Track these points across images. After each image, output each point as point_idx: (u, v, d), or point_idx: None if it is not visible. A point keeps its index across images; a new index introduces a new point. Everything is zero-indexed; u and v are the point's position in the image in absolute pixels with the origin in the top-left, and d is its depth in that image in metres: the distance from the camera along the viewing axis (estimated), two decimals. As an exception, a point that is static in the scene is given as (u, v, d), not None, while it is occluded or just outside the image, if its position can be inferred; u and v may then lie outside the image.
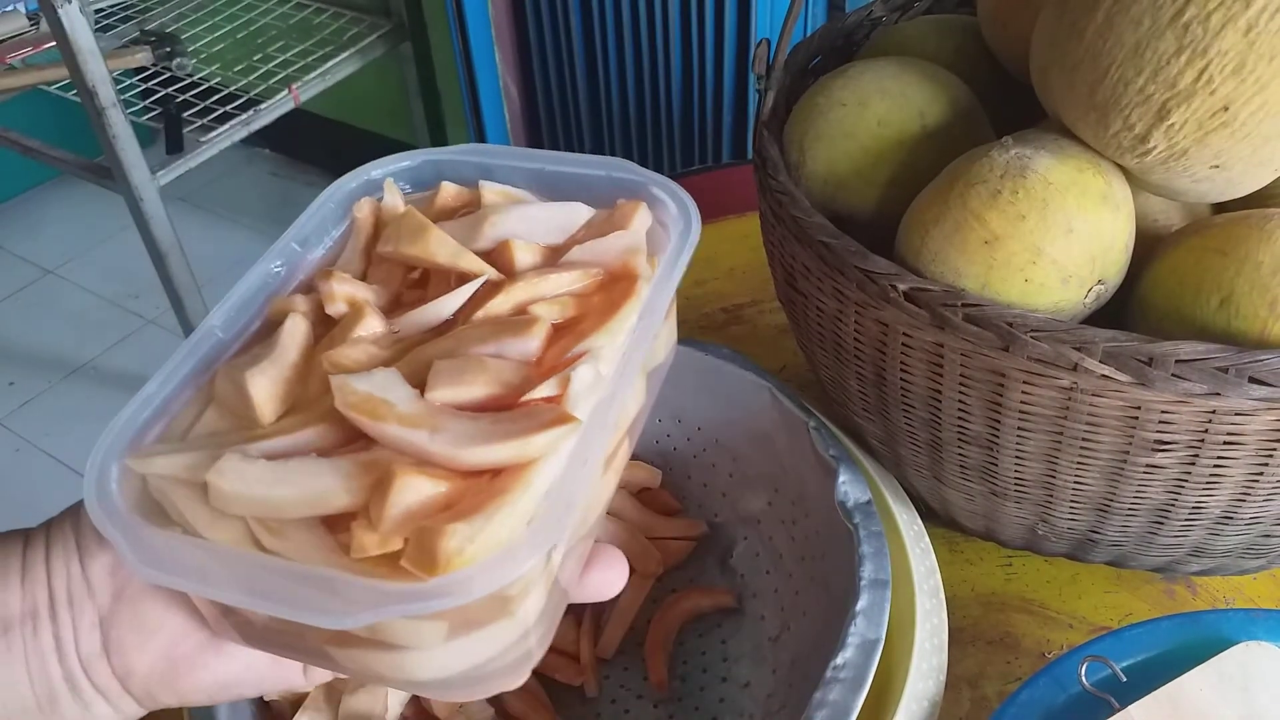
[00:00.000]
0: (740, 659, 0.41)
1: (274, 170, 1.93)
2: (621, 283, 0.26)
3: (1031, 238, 0.33)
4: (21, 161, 1.42)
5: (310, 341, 0.26)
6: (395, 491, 0.21)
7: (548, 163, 0.29)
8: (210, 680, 0.24)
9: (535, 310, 0.25)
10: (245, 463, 0.22)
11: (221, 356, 0.26)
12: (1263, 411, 0.31)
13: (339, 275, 0.26)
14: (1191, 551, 0.39)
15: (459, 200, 0.29)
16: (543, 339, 0.24)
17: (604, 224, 0.28)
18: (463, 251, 0.26)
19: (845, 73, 0.42)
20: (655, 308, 0.26)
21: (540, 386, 0.23)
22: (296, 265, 0.28)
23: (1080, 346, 0.31)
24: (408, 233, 0.27)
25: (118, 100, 1.15)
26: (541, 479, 0.21)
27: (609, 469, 0.26)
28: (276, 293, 0.28)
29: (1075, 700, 0.34)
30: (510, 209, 0.28)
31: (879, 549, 0.35)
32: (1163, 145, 0.33)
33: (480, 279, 0.26)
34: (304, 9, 1.56)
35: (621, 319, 0.25)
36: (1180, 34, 0.31)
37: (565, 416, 0.22)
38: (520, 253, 0.27)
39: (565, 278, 0.26)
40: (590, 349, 0.24)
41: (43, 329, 1.62)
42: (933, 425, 0.38)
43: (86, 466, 0.23)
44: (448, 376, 0.23)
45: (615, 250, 0.26)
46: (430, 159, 0.31)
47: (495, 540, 0.20)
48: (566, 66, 1.33)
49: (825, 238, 0.36)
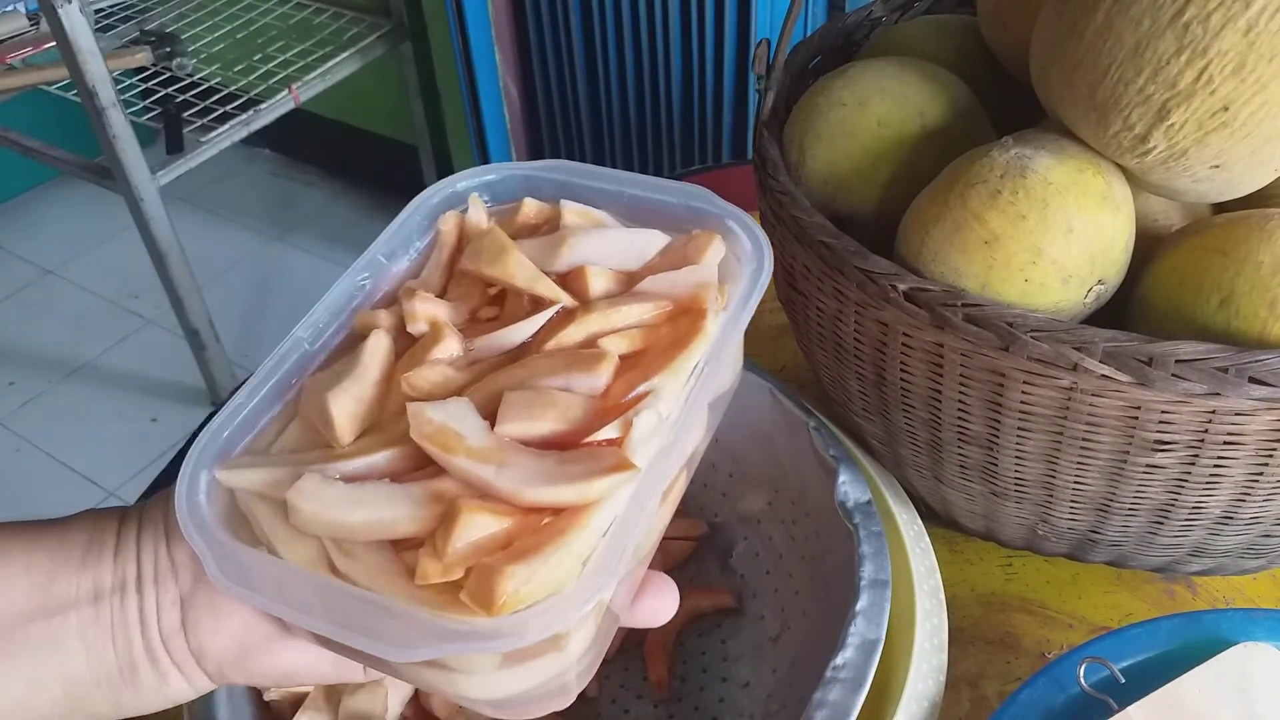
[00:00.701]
0: (740, 659, 0.41)
1: (274, 170, 1.93)
2: (690, 316, 0.27)
3: (1031, 238, 0.33)
4: (21, 161, 1.42)
5: (391, 358, 0.27)
6: (460, 527, 0.22)
7: (628, 185, 0.30)
8: (276, 667, 0.25)
9: (605, 343, 0.26)
10: (324, 484, 0.23)
11: (308, 367, 0.27)
12: (1262, 411, 0.31)
13: (421, 294, 0.27)
14: (1191, 551, 0.39)
15: (540, 217, 0.30)
16: (610, 374, 0.25)
17: (678, 253, 0.29)
18: (540, 277, 0.27)
19: (845, 73, 0.42)
20: (723, 348, 0.26)
21: (604, 429, 0.24)
22: (382, 277, 0.30)
23: (1080, 346, 0.31)
24: (489, 252, 0.28)
25: (118, 100, 1.15)
26: (598, 522, 0.22)
27: (665, 500, 0.27)
28: (362, 305, 0.29)
29: (1075, 701, 0.33)
30: (588, 233, 0.29)
31: (879, 549, 0.35)
32: (1163, 145, 0.33)
33: (555, 308, 0.27)
34: (304, 9, 1.56)
35: (687, 357, 0.26)
36: (1180, 34, 0.31)
37: (625, 463, 0.23)
38: (595, 280, 0.27)
39: (636, 310, 0.27)
40: (654, 388, 0.25)
41: (43, 329, 1.62)
42: (933, 425, 0.38)
43: (179, 474, 0.24)
44: (518, 410, 0.24)
45: (687, 284, 0.27)
46: (515, 173, 0.31)
47: (551, 581, 0.21)
48: (566, 66, 1.33)
49: (825, 238, 0.36)
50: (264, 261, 1.73)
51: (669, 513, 0.28)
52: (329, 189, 1.87)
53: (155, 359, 1.55)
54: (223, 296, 1.62)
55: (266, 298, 1.66)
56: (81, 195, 1.83)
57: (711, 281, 0.27)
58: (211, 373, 1.40)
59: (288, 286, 1.68)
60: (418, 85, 1.58)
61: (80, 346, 1.58)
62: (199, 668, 0.25)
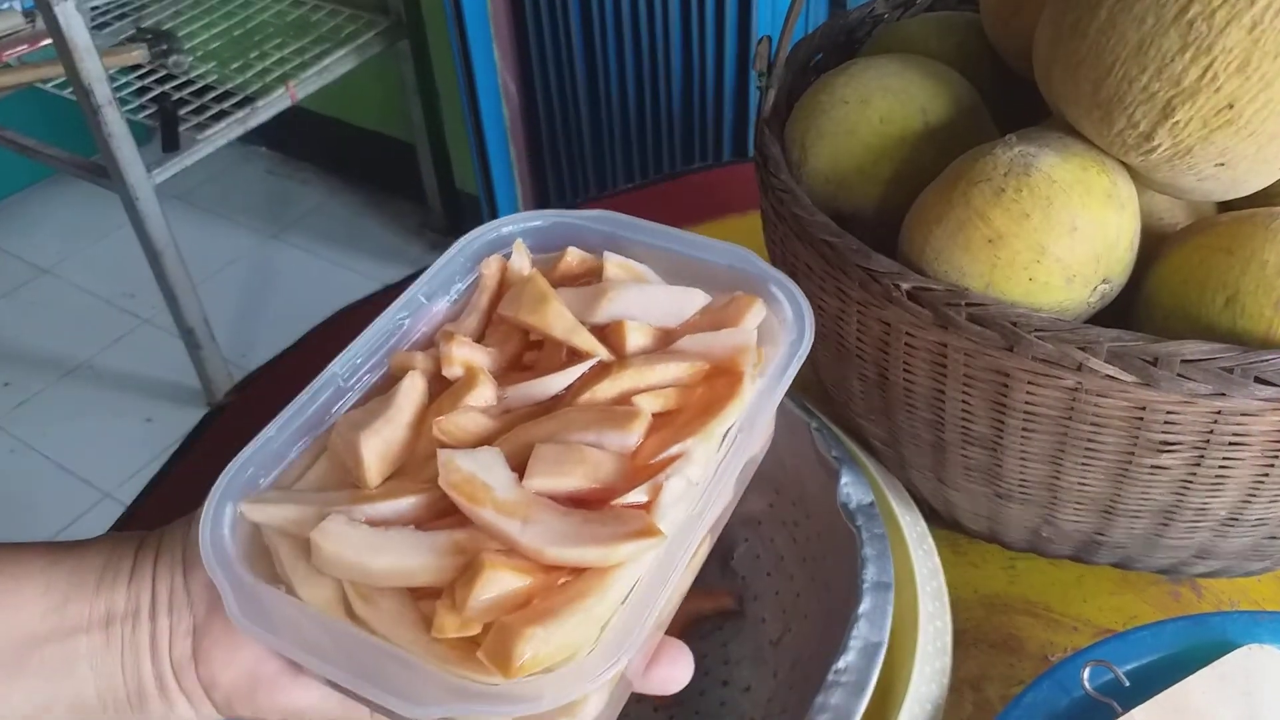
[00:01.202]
0: (741, 662, 0.41)
1: (270, 168, 1.93)
2: (726, 378, 0.26)
3: (1035, 236, 0.33)
4: (17, 160, 1.42)
5: (425, 401, 0.27)
6: (480, 584, 0.22)
7: (673, 243, 0.30)
8: (285, 703, 0.25)
9: (639, 400, 0.26)
10: (348, 527, 0.23)
11: (340, 403, 0.28)
12: (1268, 412, 0.31)
13: (459, 339, 0.27)
14: (1197, 553, 0.38)
15: (583, 267, 0.30)
16: (642, 433, 0.25)
17: (718, 314, 0.29)
18: (578, 329, 0.27)
19: (847, 70, 0.41)
20: (757, 415, 0.26)
21: (632, 492, 0.24)
22: (421, 317, 0.30)
23: (1085, 346, 0.31)
24: (529, 300, 0.28)
25: (113, 98, 1.14)
26: (620, 587, 0.22)
27: (688, 568, 0.27)
28: (399, 344, 0.29)
29: (1079, 704, 0.33)
30: (629, 288, 0.29)
31: (881, 551, 0.35)
32: (1167, 143, 0.33)
33: (591, 361, 0.27)
34: (301, 6, 1.56)
35: (721, 421, 0.25)
36: (1184, 31, 0.31)
37: (651, 529, 0.23)
38: (632, 335, 0.28)
39: (671, 369, 0.27)
40: (686, 450, 0.25)
41: (38, 328, 1.62)
42: (936, 426, 0.37)
43: (204, 504, 0.24)
44: (547, 465, 0.24)
45: (724, 346, 0.27)
46: (561, 221, 0.31)
47: (569, 644, 0.22)
48: (565, 62, 1.33)
49: (827, 236, 0.36)
50: (260, 260, 1.72)
51: (690, 579, 0.28)
52: (325, 187, 1.87)
53: (151, 358, 1.55)
54: (218, 295, 1.61)
55: (262, 296, 1.66)
56: (77, 193, 1.82)
57: (750, 345, 0.27)
58: (207, 372, 1.39)
59: (284, 285, 1.67)
60: (415, 83, 1.58)
61: (76, 346, 1.57)
62: (207, 698, 0.25)
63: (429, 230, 1.74)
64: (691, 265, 0.30)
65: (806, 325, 0.28)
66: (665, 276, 0.30)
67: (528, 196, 1.53)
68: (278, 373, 0.59)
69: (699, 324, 0.28)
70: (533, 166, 1.50)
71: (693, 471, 0.24)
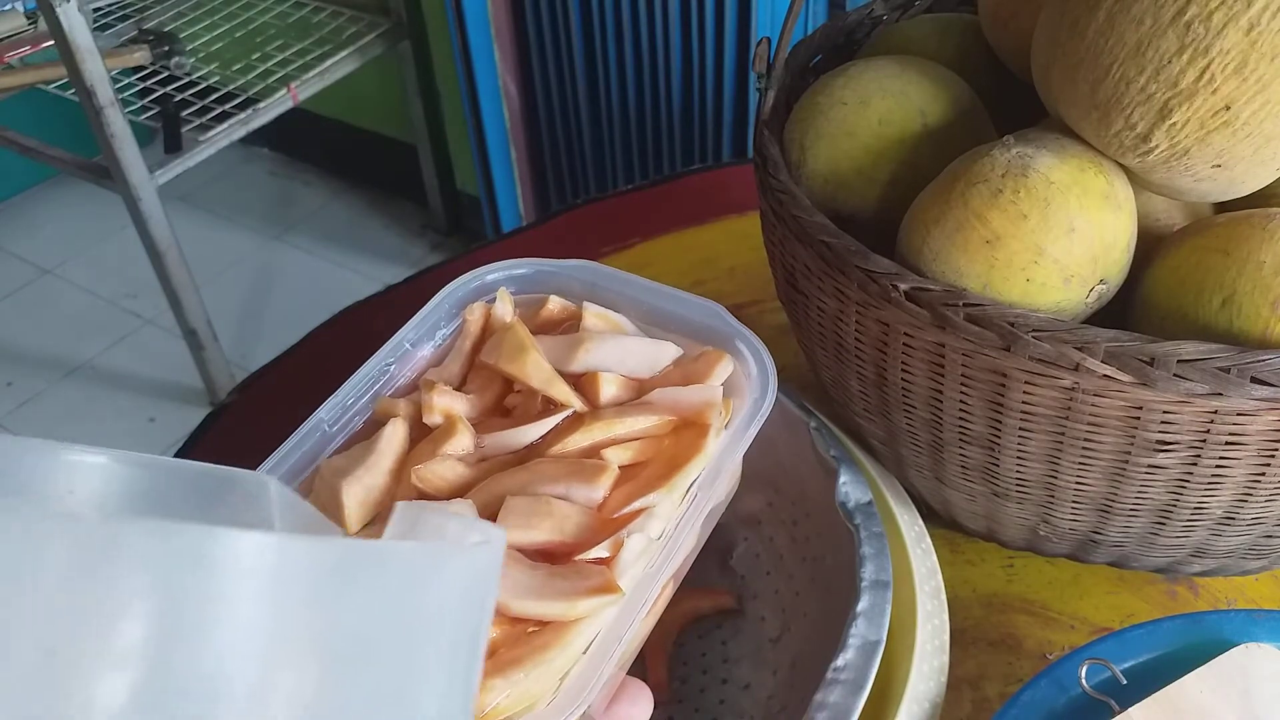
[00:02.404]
0: (740, 660, 0.41)
1: (272, 169, 1.93)
2: (692, 431, 0.28)
3: (1033, 237, 0.33)
4: (19, 161, 1.42)
5: (406, 448, 0.28)
6: None
7: (649, 295, 0.32)
8: None
9: (608, 454, 0.27)
10: None
11: (326, 449, 0.29)
12: (1265, 412, 0.31)
13: (440, 387, 0.29)
14: (1193, 552, 0.39)
15: (564, 314, 0.32)
16: (608, 488, 0.26)
17: (689, 368, 0.30)
18: (554, 380, 0.29)
19: (846, 71, 0.42)
20: (720, 467, 0.28)
21: (595, 548, 0.25)
22: (406, 363, 0.31)
23: (1082, 346, 0.31)
24: (508, 350, 0.29)
25: (116, 99, 1.15)
26: (580, 640, 0.23)
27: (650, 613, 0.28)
28: (383, 390, 0.30)
29: (1077, 702, 0.33)
30: (605, 339, 0.30)
31: (880, 550, 0.35)
32: (1164, 144, 0.33)
33: (565, 412, 0.28)
34: (302, 7, 1.56)
35: (684, 475, 0.27)
36: (1182, 33, 0.31)
37: (610, 586, 0.24)
38: (606, 386, 0.29)
39: (640, 422, 0.28)
40: (649, 505, 0.26)
41: (41, 329, 1.62)
42: (934, 425, 0.38)
43: None
44: (516, 518, 0.25)
45: (692, 402, 0.29)
46: (544, 270, 0.33)
47: (529, 693, 0.23)
48: (566, 64, 1.33)
49: (826, 237, 0.36)
50: (262, 261, 1.73)
51: (651, 623, 0.29)
52: (327, 188, 1.87)
53: (153, 359, 1.55)
54: (221, 296, 1.62)
55: (265, 297, 1.66)
56: (79, 194, 1.83)
57: (716, 401, 0.29)
58: (210, 373, 1.40)
59: (286, 286, 1.68)
60: (416, 84, 1.58)
61: (78, 346, 1.58)
62: None
63: (430, 231, 1.74)
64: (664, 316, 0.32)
65: (770, 381, 0.30)
66: (641, 326, 0.32)
67: (528, 197, 1.54)
68: (280, 372, 0.59)
69: (670, 375, 0.30)
70: (533, 167, 1.50)
71: (654, 527, 0.26)
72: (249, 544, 0.14)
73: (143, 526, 0.13)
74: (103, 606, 0.13)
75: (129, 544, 0.13)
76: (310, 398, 0.29)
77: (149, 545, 0.13)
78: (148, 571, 0.13)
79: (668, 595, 0.29)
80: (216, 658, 0.14)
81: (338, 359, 0.29)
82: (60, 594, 0.13)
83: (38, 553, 0.13)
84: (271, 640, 0.14)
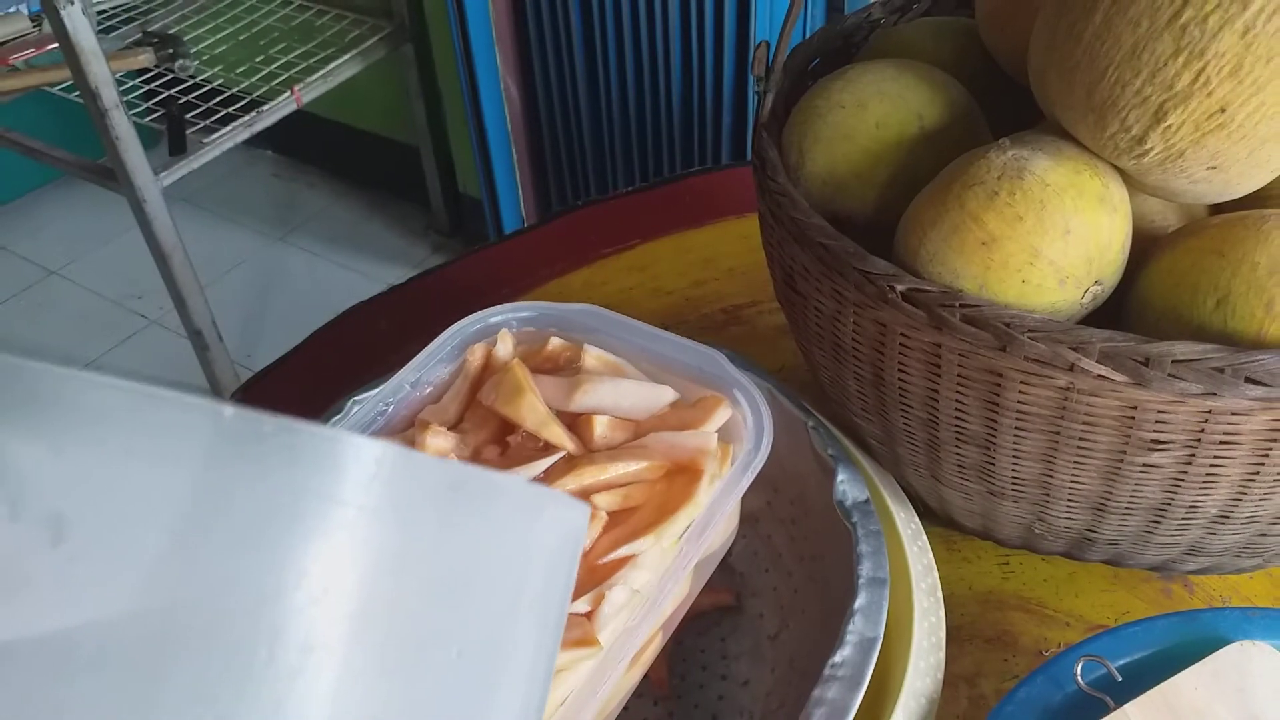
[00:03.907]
0: (739, 657, 0.41)
1: (276, 171, 1.94)
2: (685, 477, 0.28)
3: (1029, 239, 0.34)
4: (24, 163, 1.43)
5: None
6: None
7: (650, 341, 0.32)
8: None
9: (598, 499, 0.27)
10: None
11: None
12: (1259, 411, 0.31)
13: (434, 429, 0.29)
14: (1188, 550, 0.39)
15: (564, 353, 0.32)
16: (596, 534, 0.26)
17: (685, 412, 0.30)
18: (548, 422, 0.29)
19: (844, 75, 0.42)
20: (713, 515, 0.27)
21: (577, 602, 0.24)
22: (404, 402, 0.31)
23: (1077, 347, 0.31)
24: (505, 391, 0.30)
25: (120, 102, 1.15)
26: (558, 693, 0.23)
27: (635, 664, 0.28)
28: (379, 431, 0.30)
29: (1072, 698, 0.34)
30: (603, 381, 0.30)
31: (877, 548, 0.35)
32: (1160, 147, 0.33)
33: (557, 455, 0.28)
34: (306, 11, 1.57)
35: (673, 524, 0.26)
36: (1178, 36, 0.31)
37: (589, 639, 0.24)
38: (600, 427, 0.29)
39: (632, 466, 0.28)
40: (635, 553, 0.25)
41: (46, 330, 1.63)
42: (930, 425, 0.38)
43: None
44: None
45: (686, 448, 0.28)
46: (547, 313, 0.33)
47: None
48: (566, 67, 1.34)
49: (824, 239, 0.36)
50: (266, 262, 1.73)
51: (638, 674, 0.28)
52: (331, 190, 1.87)
53: (158, 360, 1.55)
54: (225, 297, 1.62)
55: (269, 298, 1.66)
56: (84, 196, 1.83)
57: (710, 447, 0.28)
58: (214, 373, 1.40)
59: (290, 287, 1.68)
60: (419, 87, 1.58)
61: (83, 347, 1.58)
62: None
63: (433, 232, 1.75)
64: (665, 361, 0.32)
65: (765, 431, 0.30)
66: (642, 368, 0.32)
67: (529, 199, 1.54)
68: (284, 372, 0.60)
69: (667, 418, 0.30)
70: (534, 169, 1.51)
71: (638, 578, 0.25)
72: (374, 450, 0.14)
73: (276, 422, 0.14)
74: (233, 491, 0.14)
75: (265, 436, 0.14)
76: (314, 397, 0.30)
77: (282, 440, 0.14)
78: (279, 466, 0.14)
79: (656, 646, 0.29)
80: (325, 560, 0.14)
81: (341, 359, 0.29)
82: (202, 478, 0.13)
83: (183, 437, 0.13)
84: (382, 555, 0.14)
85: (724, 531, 0.31)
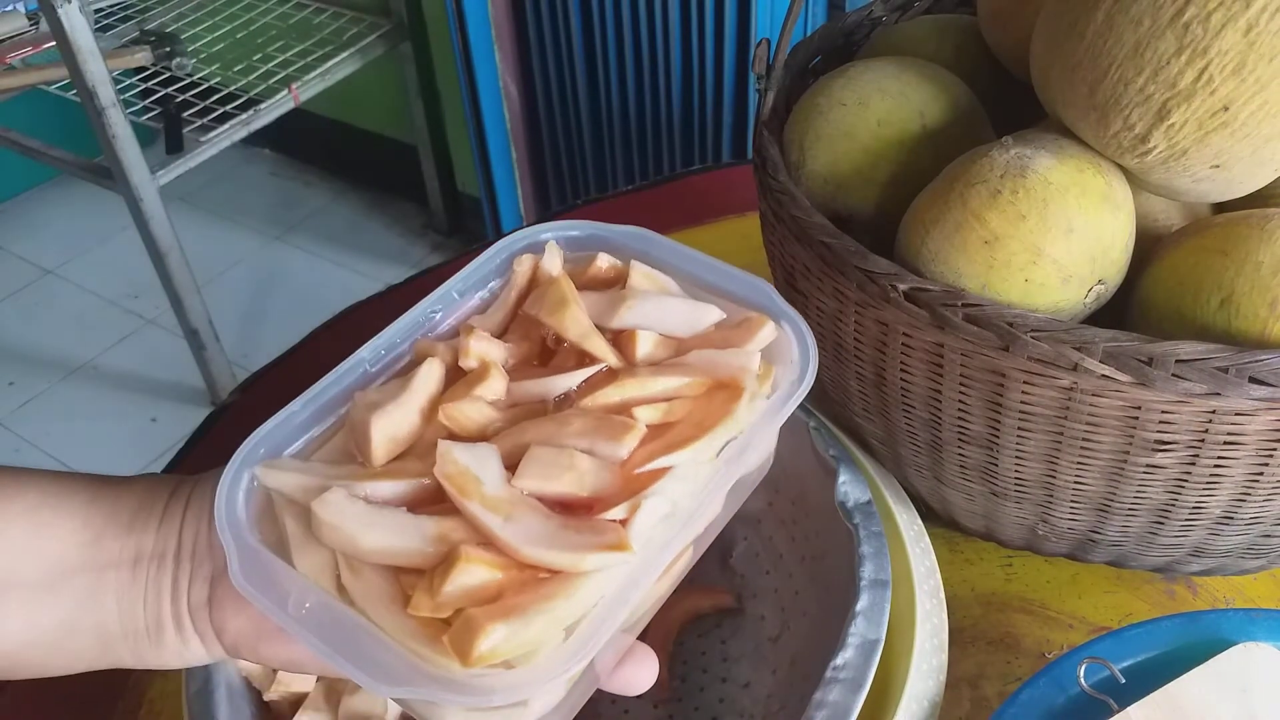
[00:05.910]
0: (740, 659, 0.41)
1: (274, 170, 1.93)
2: (725, 394, 0.27)
3: (1032, 238, 0.33)
4: (21, 161, 1.42)
5: (440, 389, 0.28)
6: (455, 573, 0.23)
7: (699, 267, 0.32)
8: (284, 654, 0.27)
9: (638, 412, 0.27)
10: (347, 501, 0.25)
11: (365, 386, 0.29)
12: (1263, 411, 0.31)
13: (479, 333, 0.29)
14: (1192, 551, 0.39)
15: (611, 272, 0.32)
16: (634, 446, 0.26)
17: (730, 332, 0.30)
18: (591, 334, 0.28)
19: (845, 73, 0.42)
20: (754, 437, 0.27)
21: (614, 509, 0.24)
22: (452, 311, 0.31)
23: (1080, 346, 0.31)
24: (550, 302, 0.29)
25: (117, 100, 1.15)
26: (587, 594, 0.23)
27: (667, 575, 0.27)
28: (425, 334, 0.30)
29: (1075, 701, 0.33)
30: (648, 297, 0.30)
31: (879, 549, 0.35)
32: (1163, 145, 0.33)
33: (598, 366, 0.28)
34: (304, 9, 1.56)
35: (711, 438, 0.26)
36: (1180, 34, 0.31)
37: (622, 544, 0.24)
38: (642, 343, 0.29)
39: (674, 381, 0.27)
40: (673, 465, 0.25)
41: (42, 329, 1.62)
42: (933, 425, 0.38)
43: (226, 466, 0.26)
44: (538, 467, 0.25)
45: (728, 365, 0.28)
46: (597, 233, 0.33)
47: (531, 641, 0.22)
48: (566, 66, 1.33)
49: (825, 238, 0.36)
50: (264, 261, 1.73)
51: (670, 585, 0.28)
52: (329, 189, 1.87)
53: (155, 359, 1.55)
54: (222, 296, 1.62)
55: (266, 298, 1.66)
56: (81, 195, 1.83)
57: (752, 365, 0.28)
58: (211, 373, 1.40)
59: (288, 286, 1.68)
60: (417, 85, 1.58)
61: (80, 346, 1.58)
62: (218, 640, 0.27)
63: (431, 231, 1.74)
64: (713, 287, 0.31)
65: (810, 360, 0.29)
66: (689, 290, 0.31)
67: (528, 198, 1.54)
68: (282, 372, 0.59)
69: (711, 337, 0.29)
70: (534, 168, 1.51)
71: (675, 489, 0.25)
72: None
73: None
74: None
75: None
76: (312, 398, 0.29)
77: None
78: None
79: (688, 559, 0.28)
80: None
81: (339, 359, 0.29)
82: None
83: None
84: None
85: (762, 454, 0.30)
